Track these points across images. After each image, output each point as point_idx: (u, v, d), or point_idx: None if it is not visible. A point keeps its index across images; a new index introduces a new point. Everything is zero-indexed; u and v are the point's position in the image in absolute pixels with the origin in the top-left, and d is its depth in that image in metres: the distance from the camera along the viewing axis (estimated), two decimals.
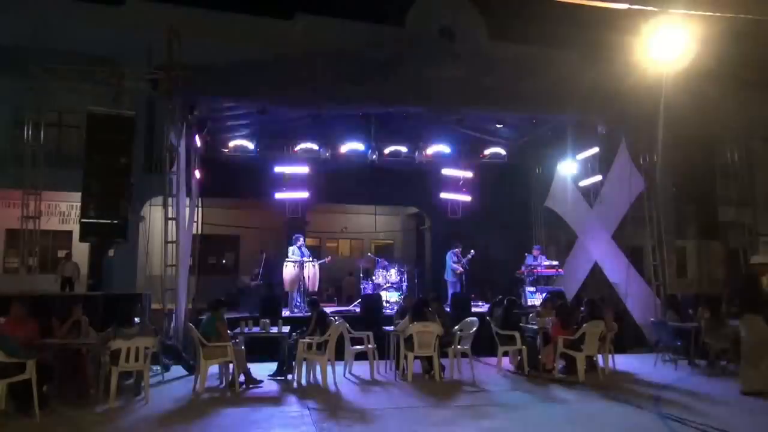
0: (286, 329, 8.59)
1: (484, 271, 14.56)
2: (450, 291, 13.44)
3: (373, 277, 13.52)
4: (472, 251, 13.58)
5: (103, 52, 12.64)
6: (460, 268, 13.43)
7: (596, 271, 12.53)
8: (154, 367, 8.10)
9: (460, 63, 10.71)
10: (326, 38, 14.21)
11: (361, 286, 13.59)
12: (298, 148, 13.63)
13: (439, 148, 14.14)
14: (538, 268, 13.21)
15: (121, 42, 12.63)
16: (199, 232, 11.68)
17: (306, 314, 11.29)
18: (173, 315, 9.31)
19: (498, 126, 13.06)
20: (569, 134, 12.89)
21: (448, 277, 13.62)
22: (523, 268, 13.42)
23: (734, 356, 8.41)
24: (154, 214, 13.38)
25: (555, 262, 13.44)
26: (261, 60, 10.43)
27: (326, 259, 12.90)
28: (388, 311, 11.73)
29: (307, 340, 8.00)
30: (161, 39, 9.53)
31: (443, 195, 14.60)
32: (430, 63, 10.36)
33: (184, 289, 9.57)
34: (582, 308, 9.04)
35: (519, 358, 8.83)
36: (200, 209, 11.47)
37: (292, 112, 11.78)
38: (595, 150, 12.59)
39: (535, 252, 13.57)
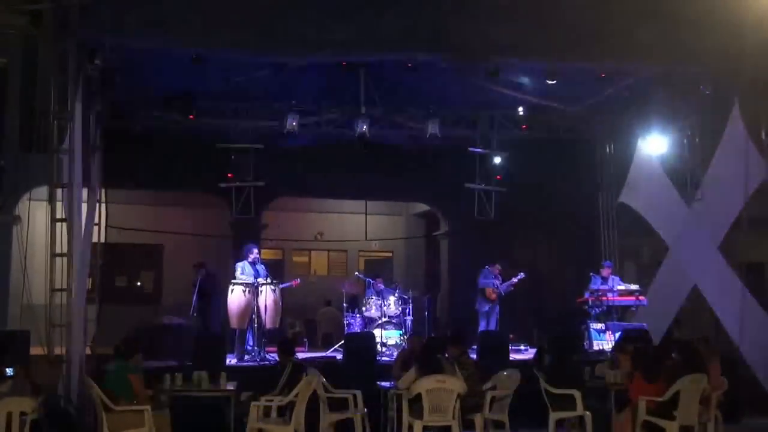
0: (231, 386, 8.55)
1: (530, 299, 14.55)
2: (481, 327, 13.46)
3: (363, 308, 13.51)
4: (521, 273, 13.59)
5: None
6: (495, 290, 13.44)
7: (696, 300, 12.53)
8: None
9: None
10: None
11: (345, 321, 13.57)
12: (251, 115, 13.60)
13: (461, 115, 14.09)
14: (610, 295, 13.21)
15: None
16: (103, 239, 11.62)
17: (263, 363, 11.33)
18: (64, 364, 9.27)
19: (549, 83, 13.03)
20: (656, 96, 12.88)
21: (477, 304, 13.73)
22: (587, 294, 13.43)
23: None
24: (35, 212, 13.30)
25: (634, 287, 13.45)
26: None
27: (292, 282, 12.86)
28: (384, 358, 11.75)
29: (263, 402, 7.98)
30: None
31: (468, 185, 14.59)
32: None
33: (80, 325, 9.51)
34: (674, 355, 9.03)
35: (581, 429, 8.80)
36: (104, 206, 11.42)
37: (242, 60, 11.74)
38: (696, 120, 12.59)
39: (605, 271, 13.57)
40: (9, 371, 7.97)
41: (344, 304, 14.03)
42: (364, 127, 13.31)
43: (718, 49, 10.75)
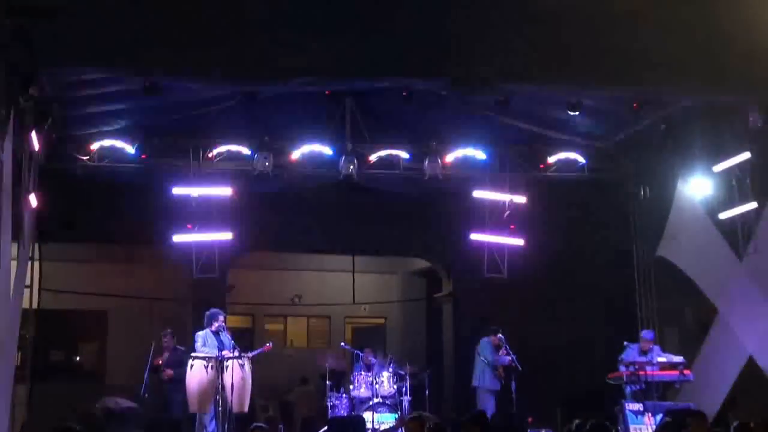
0: None
1: (552, 374, 14.50)
2: (489, 410, 13.39)
3: (350, 387, 13.46)
4: (500, 335, 13.56)
5: None
6: (508, 359, 13.39)
7: (753, 374, 12.50)
8: None
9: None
10: None
11: (328, 403, 13.48)
12: (215, 152, 13.65)
13: (466, 152, 14.19)
14: (648, 369, 13.16)
15: None
16: (35, 305, 11.58)
17: None
18: None
19: (572, 114, 13.16)
20: (698, 129, 12.99)
21: (482, 381, 13.66)
22: (621, 368, 13.38)
23: None
24: None
25: (678, 358, 13.38)
26: None
27: (264, 347, 12.78)
28: None
29: None
30: None
31: (475, 237, 14.63)
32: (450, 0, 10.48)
33: (6, 409, 9.49)
34: None
35: None
36: (38, 264, 11.41)
37: (205, 89, 11.83)
38: (745, 156, 12.71)
39: (645, 341, 13.52)
40: None
41: (327, 382, 13.90)
42: (351, 167, 13.38)
43: None
